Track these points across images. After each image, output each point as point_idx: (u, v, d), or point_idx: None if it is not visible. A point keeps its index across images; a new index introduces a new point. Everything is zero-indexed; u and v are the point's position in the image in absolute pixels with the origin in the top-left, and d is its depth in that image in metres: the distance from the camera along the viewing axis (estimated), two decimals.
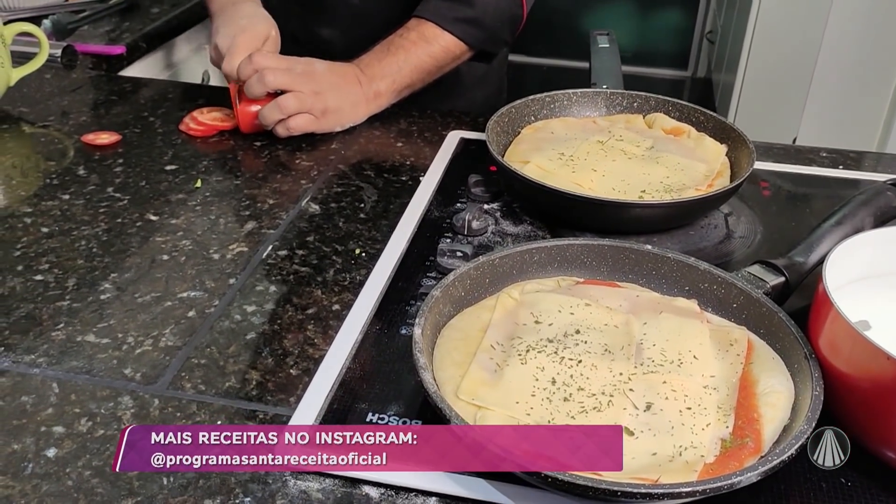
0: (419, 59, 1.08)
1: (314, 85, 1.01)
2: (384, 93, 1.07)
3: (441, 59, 1.10)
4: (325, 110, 1.01)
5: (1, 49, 1.05)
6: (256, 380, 0.65)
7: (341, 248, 0.81)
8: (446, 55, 1.10)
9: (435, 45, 1.08)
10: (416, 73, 1.08)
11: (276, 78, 0.98)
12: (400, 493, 0.55)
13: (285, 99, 0.99)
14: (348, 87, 1.04)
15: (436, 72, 1.11)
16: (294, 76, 1.00)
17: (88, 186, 0.91)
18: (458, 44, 1.10)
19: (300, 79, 1.00)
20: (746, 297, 0.66)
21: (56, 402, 0.62)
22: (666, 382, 0.58)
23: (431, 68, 1.09)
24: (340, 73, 1.04)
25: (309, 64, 1.03)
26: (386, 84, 1.06)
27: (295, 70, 1.00)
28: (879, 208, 0.75)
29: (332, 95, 1.02)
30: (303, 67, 1.02)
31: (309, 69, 1.02)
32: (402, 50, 1.07)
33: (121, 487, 0.55)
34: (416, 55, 1.07)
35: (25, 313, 0.71)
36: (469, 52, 1.13)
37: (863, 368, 0.55)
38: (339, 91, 1.03)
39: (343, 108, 1.03)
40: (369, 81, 1.05)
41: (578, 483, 0.49)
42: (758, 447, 0.54)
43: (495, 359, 0.60)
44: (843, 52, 2.45)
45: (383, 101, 1.08)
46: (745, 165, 0.85)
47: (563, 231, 0.82)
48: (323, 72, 1.03)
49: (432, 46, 1.08)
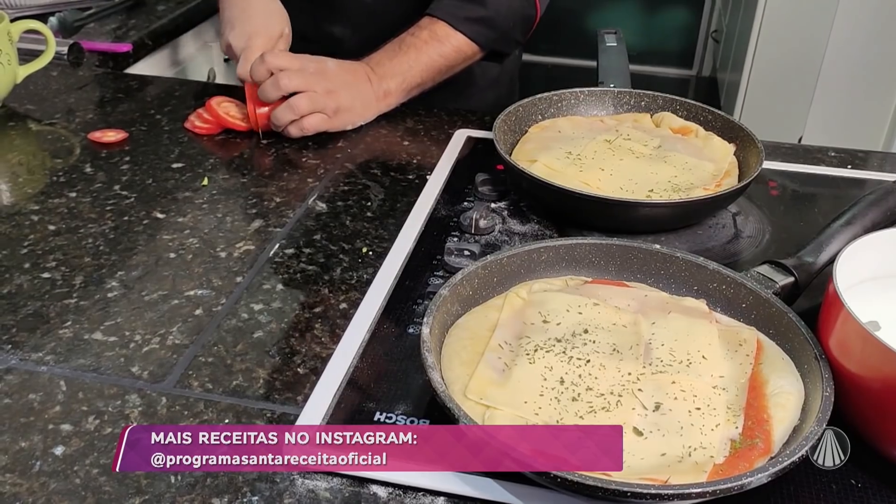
0: (430, 58, 1.07)
1: (327, 83, 1.00)
2: (394, 92, 1.06)
3: (452, 59, 1.09)
4: (337, 109, 1.01)
5: (8, 46, 1.05)
6: (264, 378, 0.64)
7: (348, 246, 0.81)
8: (458, 55, 1.09)
9: (447, 44, 1.08)
10: (426, 72, 1.07)
11: (291, 81, 0.98)
12: (408, 493, 0.55)
13: (298, 100, 0.98)
14: (360, 85, 1.04)
15: (446, 71, 1.10)
16: (307, 76, 0.99)
17: (95, 184, 0.91)
18: (470, 44, 1.09)
19: (313, 78, 0.99)
20: (755, 297, 0.65)
21: (63, 399, 0.62)
22: (675, 382, 0.58)
23: (442, 68, 1.09)
24: (352, 71, 1.04)
25: (321, 62, 1.02)
26: (396, 83, 1.06)
27: (308, 70, 1.00)
28: (889, 208, 0.74)
29: (345, 94, 1.01)
30: (315, 66, 1.01)
31: (321, 68, 1.01)
32: (413, 49, 1.07)
33: (128, 486, 0.55)
34: (428, 54, 1.07)
35: (33, 311, 0.71)
36: (480, 52, 1.12)
37: (874, 369, 0.54)
38: (350, 89, 1.02)
39: (355, 106, 1.03)
40: (380, 80, 1.05)
41: (588, 483, 0.48)
42: (768, 448, 0.54)
43: (503, 358, 0.60)
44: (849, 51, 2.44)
45: (393, 101, 1.07)
46: (754, 165, 0.84)
47: (570, 230, 0.82)
48: (335, 70, 1.02)
49: (444, 46, 1.08)
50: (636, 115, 0.98)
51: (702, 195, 0.81)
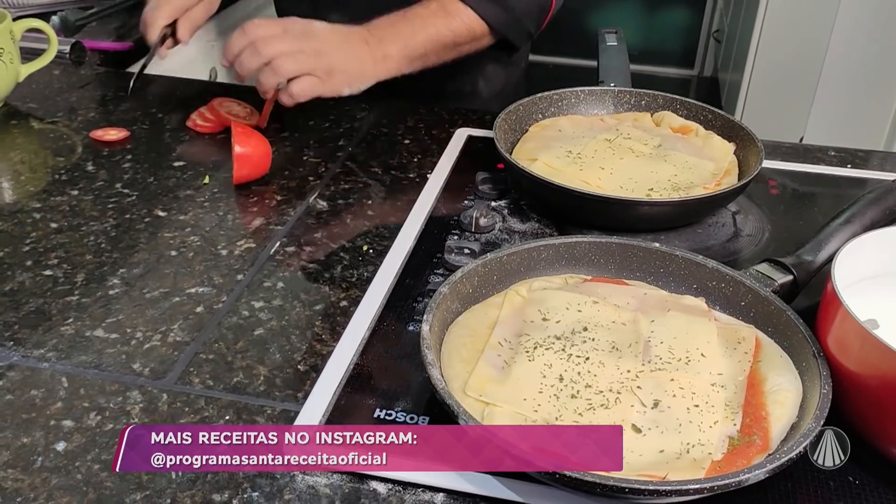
0: (437, 29, 1.01)
1: (315, 43, 0.94)
2: (394, 56, 1.00)
3: (460, 36, 1.03)
4: (329, 70, 0.94)
5: (10, 45, 1.06)
6: (264, 375, 0.65)
7: (349, 244, 0.81)
8: (467, 32, 1.04)
9: (456, 19, 1.02)
10: (430, 43, 1.02)
11: (271, 46, 0.91)
12: (407, 489, 0.55)
13: (281, 60, 0.91)
14: (353, 46, 0.97)
15: (453, 48, 1.04)
16: (290, 38, 0.92)
17: (97, 182, 0.92)
18: (480, 23, 1.04)
19: (298, 39, 0.93)
20: (754, 295, 0.66)
21: (65, 396, 0.62)
22: (674, 380, 0.58)
23: (448, 42, 1.03)
24: (344, 32, 0.98)
25: (308, 24, 0.96)
26: (397, 48, 1.00)
27: (292, 32, 0.93)
28: (888, 207, 0.74)
29: (337, 55, 0.95)
30: (301, 28, 0.95)
31: (307, 29, 0.95)
32: (418, 18, 1.01)
33: (129, 481, 0.55)
34: (434, 25, 1.01)
35: (34, 308, 0.72)
36: (490, 36, 1.07)
37: (872, 367, 0.55)
38: (343, 50, 0.95)
39: (349, 67, 0.96)
40: (378, 42, 0.98)
41: (587, 480, 0.49)
42: (765, 445, 0.54)
43: (503, 356, 0.61)
44: (851, 51, 2.44)
45: (392, 65, 1.00)
46: (754, 164, 0.84)
47: (570, 229, 0.82)
48: (324, 30, 0.96)
49: (453, 20, 1.02)
50: (636, 115, 0.98)
51: (701, 194, 0.81)
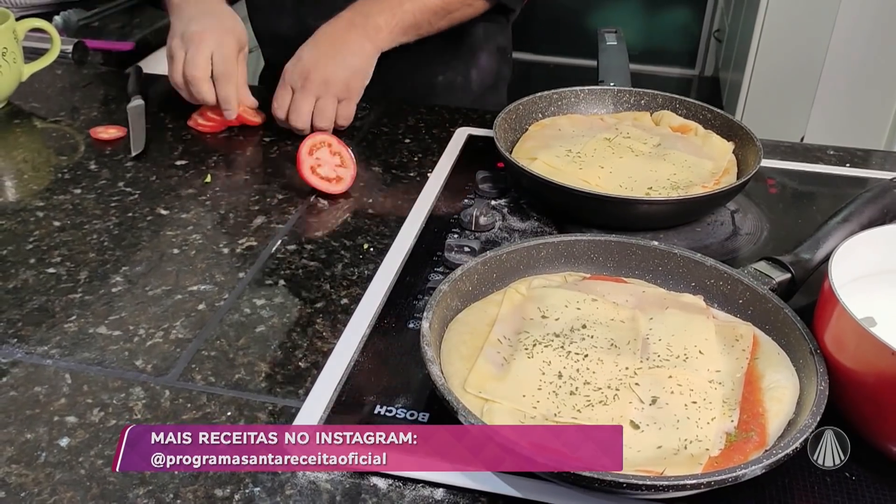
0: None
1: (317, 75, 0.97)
2: (384, 27, 1.00)
3: (450, 2, 1.02)
4: (344, 84, 0.98)
5: (13, 45, 1.06)
6: (266, 372, 0.65)
7: (350, 242, 0.82)
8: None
9: None
10: (420, 11, 1.01)
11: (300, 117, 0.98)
12: (407, 485, 0.56)
13: (317, 121, 0.98)
14: (345, 44, 0.99)
15: (444, 15, 1.03)
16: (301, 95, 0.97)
17: (99, 181, 0.92)
18: None
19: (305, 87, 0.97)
20: (752, 293, 0.66)
21: (68, 392, 0.63)
22: (671, 377, 0.59)
23: (439, 9, 1.02)
24: (328, 35, 0.99)
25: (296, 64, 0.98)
26: (385, 18, 1.00)
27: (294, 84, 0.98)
28: (886, 205, 0.75)
29: (338, 69, 0.98)
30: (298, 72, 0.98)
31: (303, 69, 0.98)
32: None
33: (132, 476, 0.55)
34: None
35: (38, 305, 0.72)
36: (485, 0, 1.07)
37: (868, 364, 0.55)
38: (340, 58, 0.98)
39: (352, 64, 0.99)
40: (365, 18, 0.99)
41: (584, 475, 0.49)
42: (762, 441, 0.55)
43: (502, 353, 0.61)
44: (851, 50, 2.44)
45: (385, 36, 1.01)
46: (752, 163, 0.85)
47: (569, 227, 0.82)
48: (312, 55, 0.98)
49: None
50: (636, 114, 0.99)
51: (700, 193, 0.82)
